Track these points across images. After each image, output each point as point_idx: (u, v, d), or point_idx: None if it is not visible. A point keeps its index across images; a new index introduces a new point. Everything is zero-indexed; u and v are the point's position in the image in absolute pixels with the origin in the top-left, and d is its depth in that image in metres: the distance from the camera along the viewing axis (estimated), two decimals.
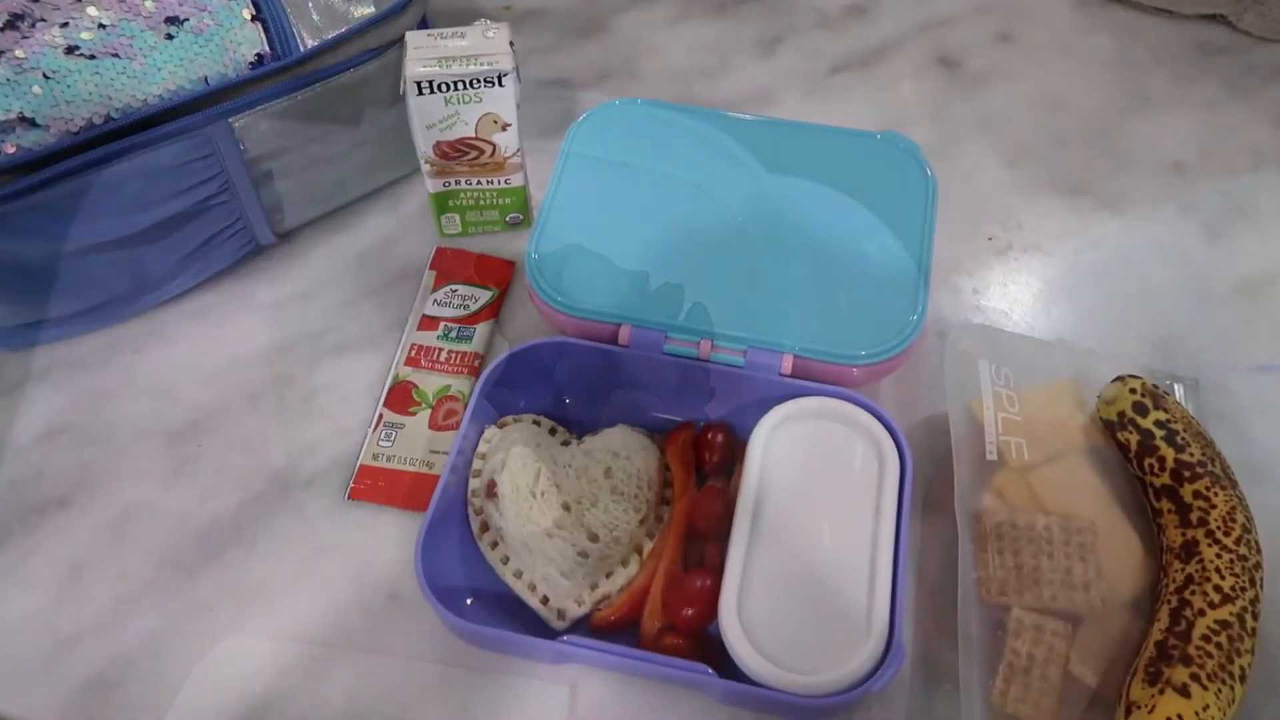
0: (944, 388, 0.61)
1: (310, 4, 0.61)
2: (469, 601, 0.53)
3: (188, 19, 0.59)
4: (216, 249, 0.65)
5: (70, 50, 0.56)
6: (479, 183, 0.66)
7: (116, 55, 0.57)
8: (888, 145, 0.65)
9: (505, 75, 0.60)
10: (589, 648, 0.47)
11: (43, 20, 0.56)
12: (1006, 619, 0.50)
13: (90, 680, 0.51)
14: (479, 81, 0.60)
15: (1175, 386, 0.61)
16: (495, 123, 0.62)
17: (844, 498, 0.52)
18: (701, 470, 0.56)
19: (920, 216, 0.61)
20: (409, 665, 0.52)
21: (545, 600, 0.52)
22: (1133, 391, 0.55)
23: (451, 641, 0.52)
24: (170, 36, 0.58)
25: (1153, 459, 0.54)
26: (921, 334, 0.57)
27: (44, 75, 0.55)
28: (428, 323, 0.64)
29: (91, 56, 0.56)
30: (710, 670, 0.47)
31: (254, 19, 0.60)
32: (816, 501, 0.52)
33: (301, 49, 0.61)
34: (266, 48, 0.60)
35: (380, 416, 0.60)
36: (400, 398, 0.61)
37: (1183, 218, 0.71)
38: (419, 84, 0.60)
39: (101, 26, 0.57)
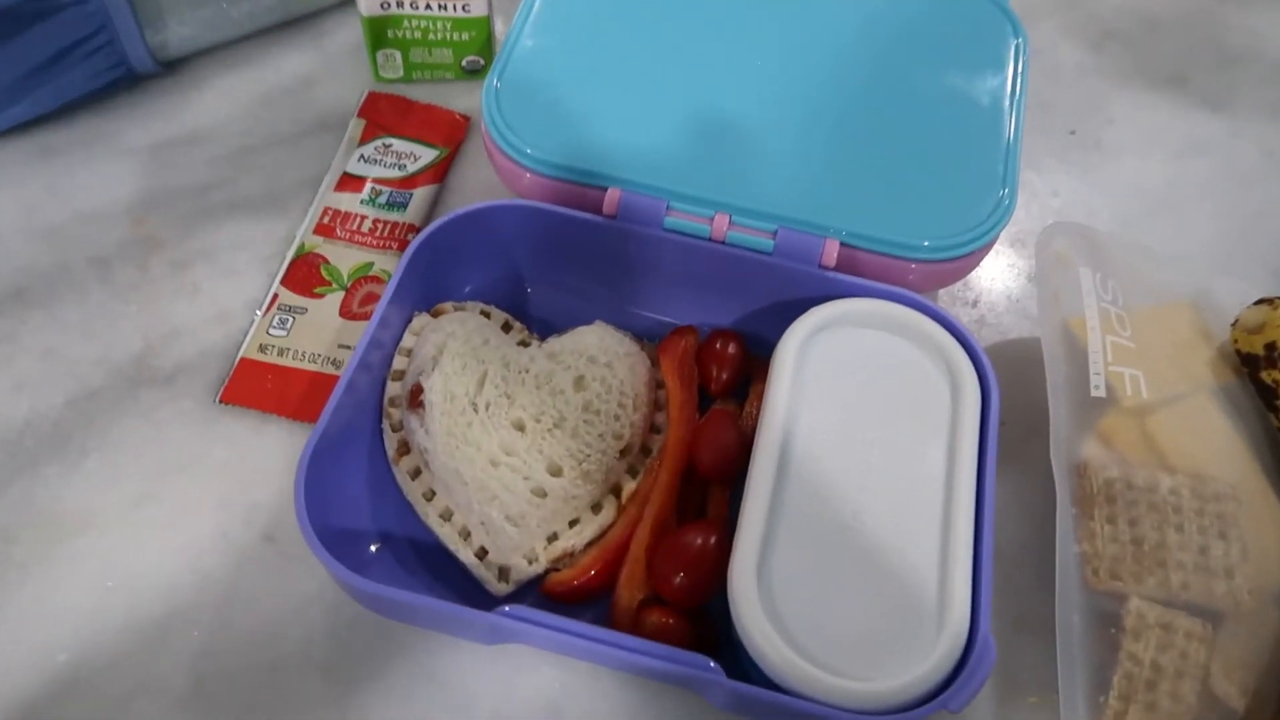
0: (1025, 305, 0.48)
1: None
2: (374, 549, 0.38)
3: None
4: (71, 69, 0.49)
5: None
6: (429, 7, 0.50)
7: None
8: None
9: None
10: (538, 624, 0.33)
11: None
12: (1121, 612, 0.36)
13: None
14: None
15: None
16: None
17: (905, 435, 0.38)
18: (706, 390, 0.42)
19: (1006, 76, 0.46)
20: (284, 635, 0.37)
21: (483, 553, 0.37)
22: None
23: (346, 605, 0.37)
24: None
25: None
26: (1003, 228, 0.43)
27: None
28: (350, 182, 0.49)
29: None
30: (713, 665, 0.32)
31: None
32: (867, 438, 0.38)
33: None
34: None
35: (274, 297, 0.45)
36: (304, 274, 0.45)
37: None
38: None
39: None
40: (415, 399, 0.39)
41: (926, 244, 0.42)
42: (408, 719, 0.36)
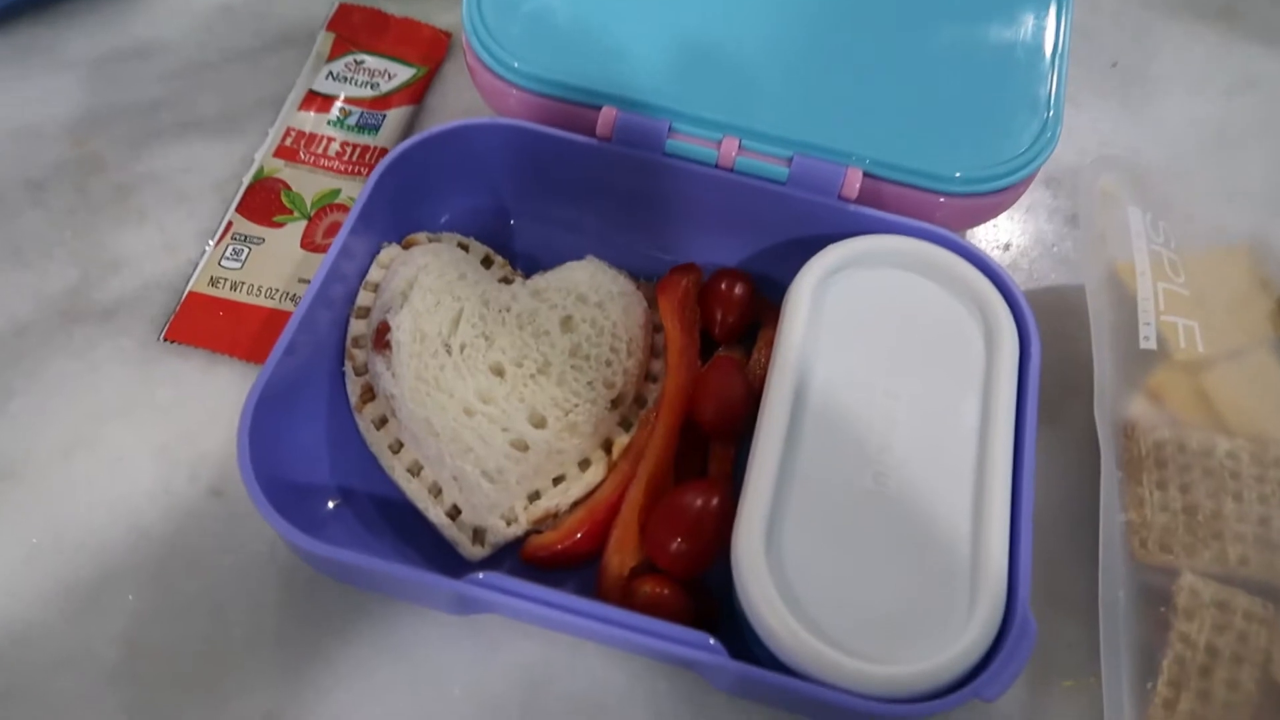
0: (1061, 250, 0.43)
1: None
2: (331, 506, 0.34)
3: None
4: None
5: None
6: None
7: None
8: None
9: None
10: (513, 593, 0.28)
11: None
12: (1172, 588, 0.32)
13: None
14: None
15: None
16: None
17: (934, 388, 0.34)
18: (710, 334, 0.37)
19: None
20: (231, 602, 0.33)
21: (455, 513, 0.33)
22: None
23: (301, 570, 0.33)
24: None
25: None
26: (1047, 157, 0.38)
27: None
28: (316, 101, 0.44)
29: None
30: (713, 642, 0.28)
31: None
32: (891, 391, 0.33)
33: None
34: None
35: (229, 225, 0.40)
36: (263, 201, 0.41)
37: None
38: None
39: None
40: (381, 339, 0.34)
41: (959, 175, 0.37)
42: (370, 696, 0.32)
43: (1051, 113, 0.38)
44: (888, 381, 0.34)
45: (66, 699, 0.31)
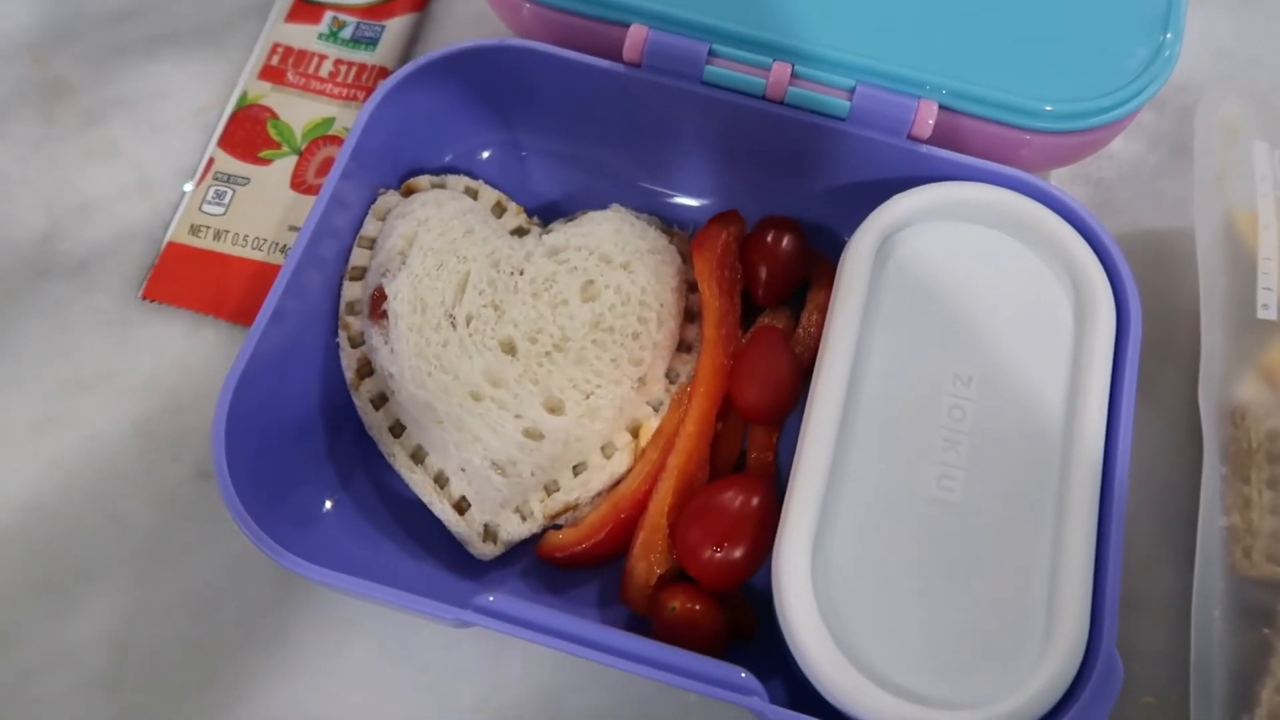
0: (1162, 186, 0.37)
1: None
2: (327, 497, 0.30)
3: None
4: None
5: None
6: None
7: None
8: None
9: None
10: (521, 622, 0.25)
11: None
12: (1278, 608, 0.28)
13: None
14: None
15: None
16: None
17: (1014, 370, 0.29)
18: (751, 296, 0.33)
19: None
20: (221, 601, 0.30)
21: (465, 505, 0.30)
22: None
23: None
24: None
25: None
26: (1159, 88, 0.32)
27: None
28: (305, 10, 0.38)
29: None
30: (744, 676, 0.25)
31: None
32: (962, 373, 0.29)
33: None
34: None
35: (210, 163, 0.35)
36: (247, 133, 0.36)
37: None
38: None
39: None
40: (376, 307, 0.30)
41: (1049, 109, 0.31)
42: (374, 706, 0.29)
43: (1170, 32, 0.31)
44: (958, 361, 0.29)
45: (48, 706, 0.29)
